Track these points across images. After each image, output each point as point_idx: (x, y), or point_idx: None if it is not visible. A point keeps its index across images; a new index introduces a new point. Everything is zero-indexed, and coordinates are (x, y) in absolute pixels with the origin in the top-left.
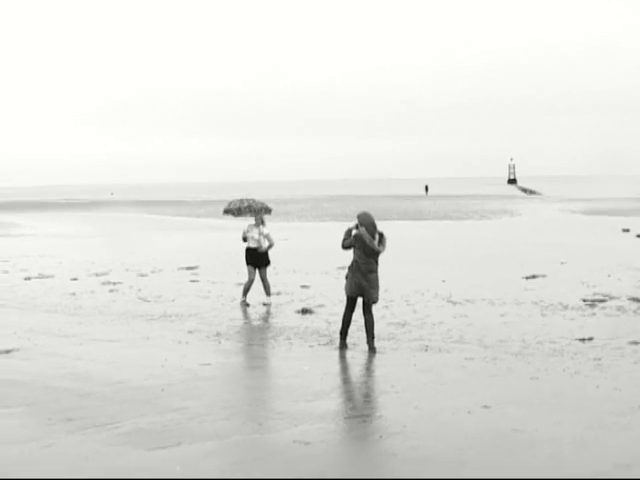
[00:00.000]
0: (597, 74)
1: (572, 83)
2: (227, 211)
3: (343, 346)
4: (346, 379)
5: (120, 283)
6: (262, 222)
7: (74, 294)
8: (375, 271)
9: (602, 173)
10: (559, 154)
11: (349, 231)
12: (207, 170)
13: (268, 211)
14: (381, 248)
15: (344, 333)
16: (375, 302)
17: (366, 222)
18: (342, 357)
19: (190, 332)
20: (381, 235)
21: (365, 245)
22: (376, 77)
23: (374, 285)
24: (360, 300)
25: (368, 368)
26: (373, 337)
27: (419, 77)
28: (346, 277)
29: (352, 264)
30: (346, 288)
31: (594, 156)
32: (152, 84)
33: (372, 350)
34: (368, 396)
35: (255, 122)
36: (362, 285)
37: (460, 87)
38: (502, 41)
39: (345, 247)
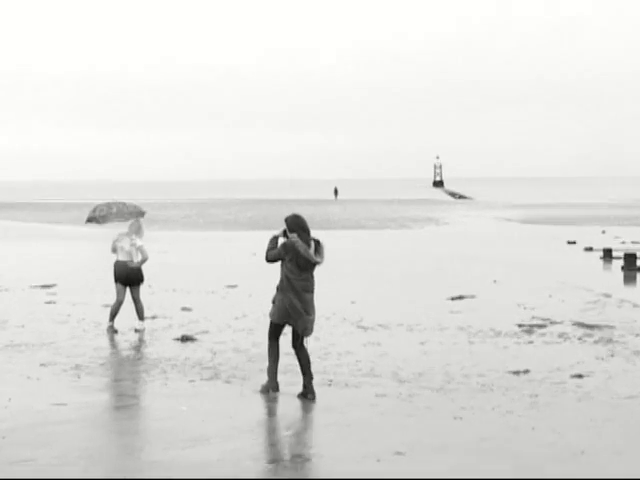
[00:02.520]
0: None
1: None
2: (91, 219)
3: (271, 389)
4: (232, 421)
5: None
6: (137, 231)
7: None
8: (312, 290)
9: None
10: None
11: (275, 239)
12: (73, 167)
13: (141, 214)
14: (319, 259)
15: (273, 372)
16: (309, 334)
17: (297, 227)
18: (228, 395)
19: (43, 365)
20: (317, 243)
21: (299, 256)
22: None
23: (310, 309)
24: (289, 329)
25: (260, 407)
26: (311, 378)
27: (334, 65)
28: (273, 301)
29: (282, 282)
30: (272, 313)
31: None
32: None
33: (312, 395)
34: (256, 440)
35: (130, 113)
36: (295, 307)
37: (382, 76)
38: (429, 27)
39: (270, 260)
